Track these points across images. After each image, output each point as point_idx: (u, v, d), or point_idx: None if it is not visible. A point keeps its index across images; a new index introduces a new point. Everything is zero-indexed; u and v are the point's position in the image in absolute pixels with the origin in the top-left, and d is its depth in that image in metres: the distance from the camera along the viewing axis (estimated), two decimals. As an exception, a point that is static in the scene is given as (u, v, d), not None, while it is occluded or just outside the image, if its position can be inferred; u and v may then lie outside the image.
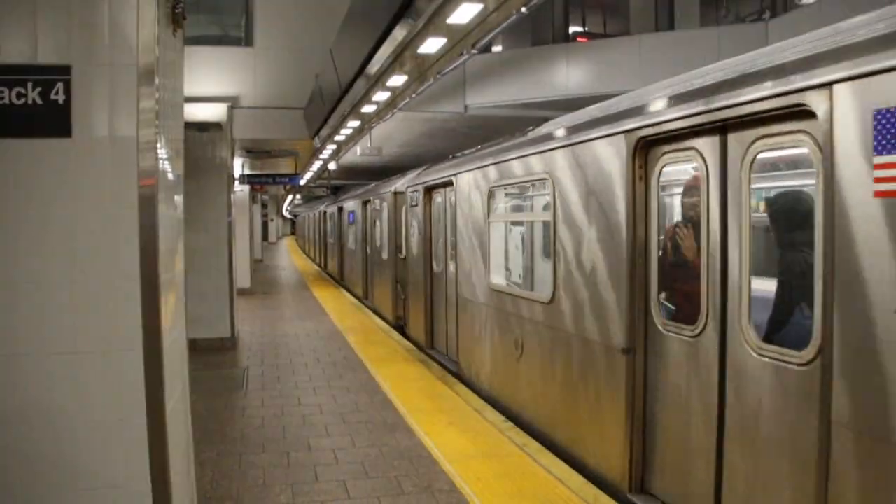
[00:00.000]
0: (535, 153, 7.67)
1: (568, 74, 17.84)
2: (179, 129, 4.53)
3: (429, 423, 8.26)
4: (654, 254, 5.70)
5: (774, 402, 4.40)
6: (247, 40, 15.53)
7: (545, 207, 8.29)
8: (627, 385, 5.86)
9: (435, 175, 11.99)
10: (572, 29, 26.13)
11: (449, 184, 11.06)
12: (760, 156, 4.58)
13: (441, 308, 12.32)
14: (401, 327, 15.60)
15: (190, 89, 11.76)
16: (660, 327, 5.60)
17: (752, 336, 4.60)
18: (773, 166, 6.15)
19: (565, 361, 7.07)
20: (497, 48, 21.74)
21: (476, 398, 9.34)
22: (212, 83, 14.20)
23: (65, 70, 3.54)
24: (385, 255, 17.08)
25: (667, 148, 5.48)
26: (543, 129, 7.87)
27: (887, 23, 3.60)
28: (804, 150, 4.23)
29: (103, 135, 3.57)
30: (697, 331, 5.12)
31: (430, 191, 12.61)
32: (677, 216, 6.01)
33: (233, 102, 14.07)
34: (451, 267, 11.33)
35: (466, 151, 10.96)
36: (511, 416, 8.38)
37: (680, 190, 5.93)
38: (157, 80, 3.63)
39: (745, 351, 4.65)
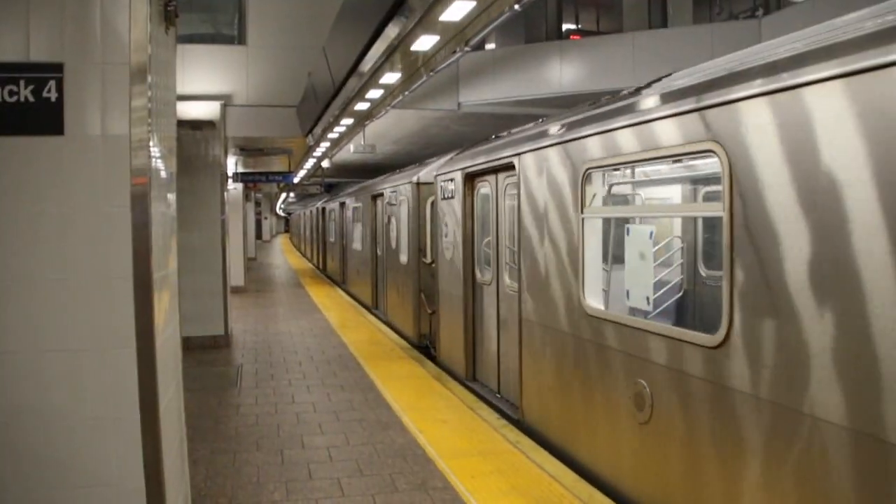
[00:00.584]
0: (681, 113, 4.93)
1: (561, 72, 17.86)
2: (172, 128, 4.53)
3: (423, 420, 8.27)
4: None
5: None
6: (240, 39, 15.54)
7: (708, 196, 6.60)
8: None
9: (483, 158, 9.18)
10: (566, 26, 26.23)
11: (507, 168, 8.43)
12: None
13: (490, 331, 9.52)
14: (426, 348, 12.98)
15: (183, 87, 11.77)
16: None
17: None
18: None
19: (757, 447, 4.28)
20: (490, 46, 21.75)
21: (468, 394, 9.34)
22: (205, 81, 14.20)
23: (57, 68, 3.54)
24: (404, 259, 14.40)
25: None
26: (683, 80, 5.19)
27: None
28: None
29: (96, 133, 3.57)
30: None
31: (472, 178, 9.84)
32: None
33: (226, 100, 14.08)
34: (507, 277, 8.83)
35: (533, 124, 8.34)
36: (619, 498, 5.90)
37: None
38: (149, 79, 3.63)
39: None
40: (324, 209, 31.67)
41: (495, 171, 8.96)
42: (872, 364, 3.46)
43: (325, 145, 16.85)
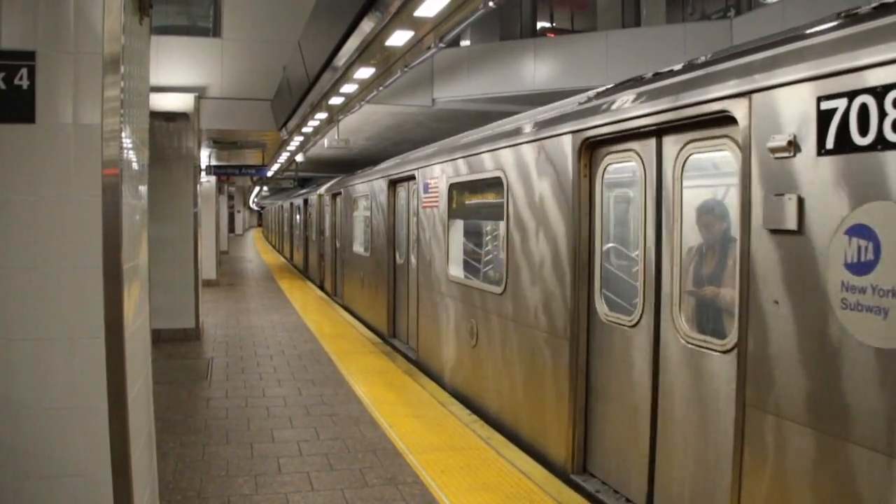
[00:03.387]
0: None
1: (535, 69, 17.90)
2: (145, 119, 4.52)
3: (393, 415, 8.28)
4: None
5: None
6: (215, 31, 15.48)
7: None
8: None
9: None
10: (540, 24, 26.28)
11: None
12: None
13: None
14: None
15: (157, 79, 11.66)
16: None
17: None
18: None
19: None
20: (465, 42, 21.78)
21: (439, 389, 9.36)
22: (179, 73, 14.14)
23: (29, 56, 3.51)
24: None
25: None
26: None
27: None
28: None
29: (67, 122, 3.55)
30: None
31: None
32: None
33: (200, 93, 14.02)
34: None
35: None
36: None
37: None
38: (122, 69, 3.61)
39: None
40: (334, 196, 20.63)
41: None
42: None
43: (298, 139, 16.82)
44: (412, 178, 11.68)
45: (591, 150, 6.22)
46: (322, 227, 22.95)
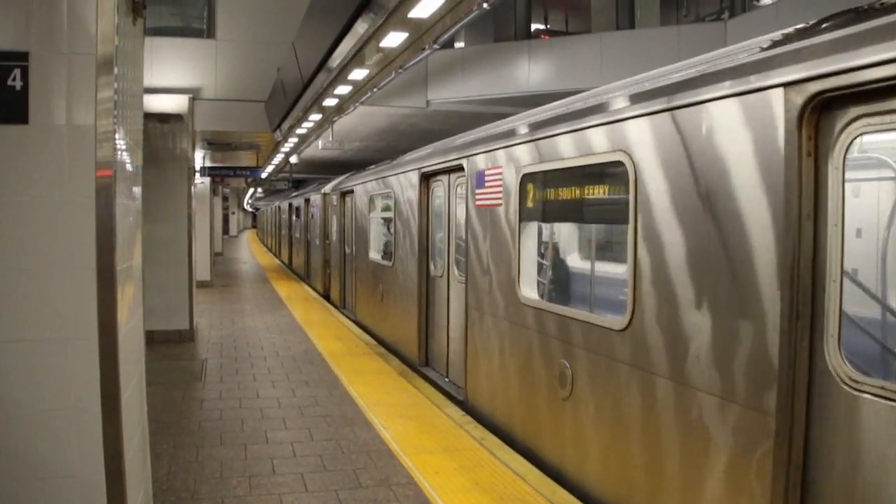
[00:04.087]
0: None
1: (529, 71, 17.92)
2: (138, 120, 4.51)
3: (387, 416, 8.28)
4: None
5: None
6: (209, 32, 15.47)
7: None
8: None
9: None
10: (534, 26, 26.30)
11: None
12: None
13: None
14: None
15: (151, 80, 11.63)
16: None
17: None
18: None
19: None
20: (459, 44, 21.78)
21: (433, 391, 9.36)
22: (173, 74, 14.13)
23: (22, 56, 3.51)
24: None
25: None
26: None
27: None
28: None
29: (60, 123, 3.55)
30: None
31: None
32: None
33: (194, 94, 14.00)
34: None
35: None
36: None
37: None
38: (116, 70, 3.61)
39: None
40: (343, 195, 18.21)
41: None
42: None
43: (293, 141, 16.81)
44: (458, 168, 9.18)
45: (820, 113, 3.69)
46: (328, 229, 20.85)
